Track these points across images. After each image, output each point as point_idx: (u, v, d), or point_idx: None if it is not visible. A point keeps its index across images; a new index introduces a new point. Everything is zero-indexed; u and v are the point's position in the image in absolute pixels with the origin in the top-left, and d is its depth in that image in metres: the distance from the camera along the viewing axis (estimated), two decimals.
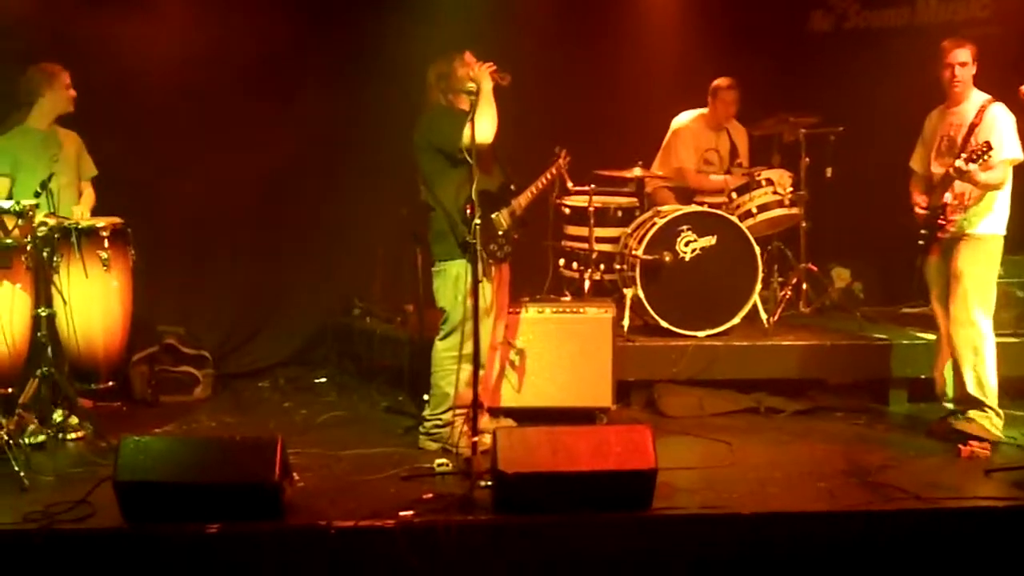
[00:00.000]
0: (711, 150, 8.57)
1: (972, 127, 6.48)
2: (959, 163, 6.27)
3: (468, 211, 5.98)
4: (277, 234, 8.62)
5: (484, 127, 6.07)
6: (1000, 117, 6.47)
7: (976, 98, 6.57)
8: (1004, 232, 6.57)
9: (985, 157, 6.22)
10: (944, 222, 6.51)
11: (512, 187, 6.60)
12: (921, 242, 6.63)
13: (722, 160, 8.57)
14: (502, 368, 6.90)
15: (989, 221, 6.53)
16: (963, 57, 6.50)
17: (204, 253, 8.40)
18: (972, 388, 6.53)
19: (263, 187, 8.41)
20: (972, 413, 6.57)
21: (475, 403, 5.98)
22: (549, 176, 6.83)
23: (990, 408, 6.54)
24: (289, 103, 8.41)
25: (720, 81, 8.53)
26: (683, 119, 8.63)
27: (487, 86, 6.19)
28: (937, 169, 6.62)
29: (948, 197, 6.46)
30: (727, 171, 8.48)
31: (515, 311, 6.96)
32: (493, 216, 6.41)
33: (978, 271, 6.51)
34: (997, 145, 6.34)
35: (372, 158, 8.38)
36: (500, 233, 6.45)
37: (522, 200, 6.62)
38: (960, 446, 6.38)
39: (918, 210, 6.62)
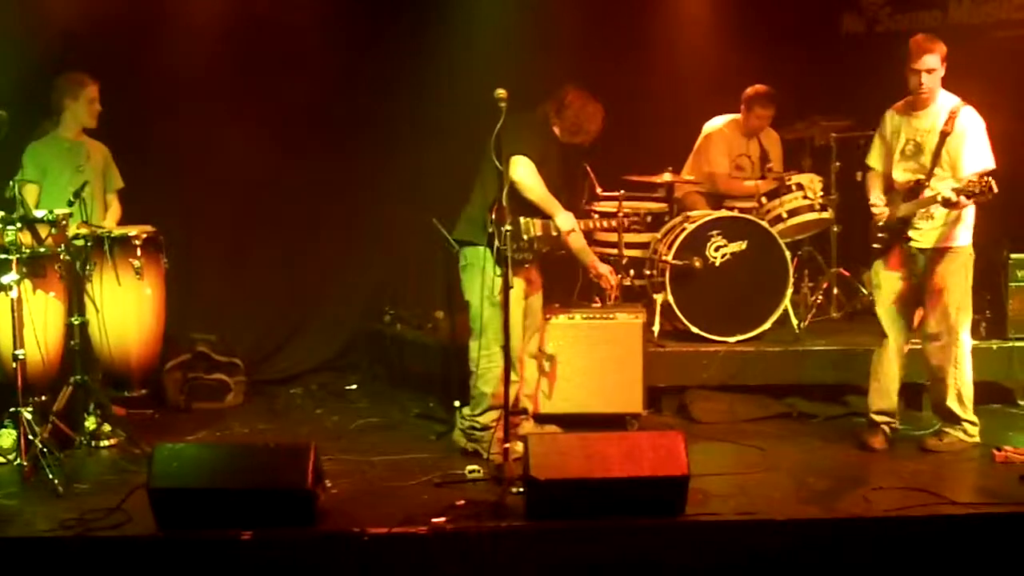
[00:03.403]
0: (743, 155, 8.52)
1: (943, 135, 6.33)
2: (949, 194, 6.14)
3: (494, 214, 6.04)
4: (308, 242, 8.65)
5: (526, 181, 6.27)
6: (971, 126, 6.31)
7: (944, 101, 6.40)
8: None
9: (983, 196, 6.09)
10: (913, 232, 6.42)
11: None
12: (877, 245, 6.57)
13: (753, 166, 8.53)
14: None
15: (964, 233, 6.43)
16: (931, 63, 6.30)
17: (236, 261, 8.44)
18: (951, 401, 6.48)
19: (295, 195, 8.46)
20: (947, 429, 6.54)
21: (506, 410, 5.97)
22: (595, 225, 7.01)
23: (965, 420, 6.50)
24: (323, 112, 8.45)
25: (755, 92, 8.41)
26: (716, 123, 8.59)
27: (562, 223, 6.46)
28: (901, 175, 6.50)
29: (913, 208, 6.36)
30: (761, 177, 8.43)
31: (545, 317, 6.96)
32: (523, 220, 6.39)
33: (959, 284, 6.42)
34: (970, 157, 6.27)
35: (405, 167, 8.41)
36: (524, 238, 6.42)
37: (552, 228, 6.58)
38: (994, 451, 6.33)
39: (877, 211, 6.53)
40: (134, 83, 7.95)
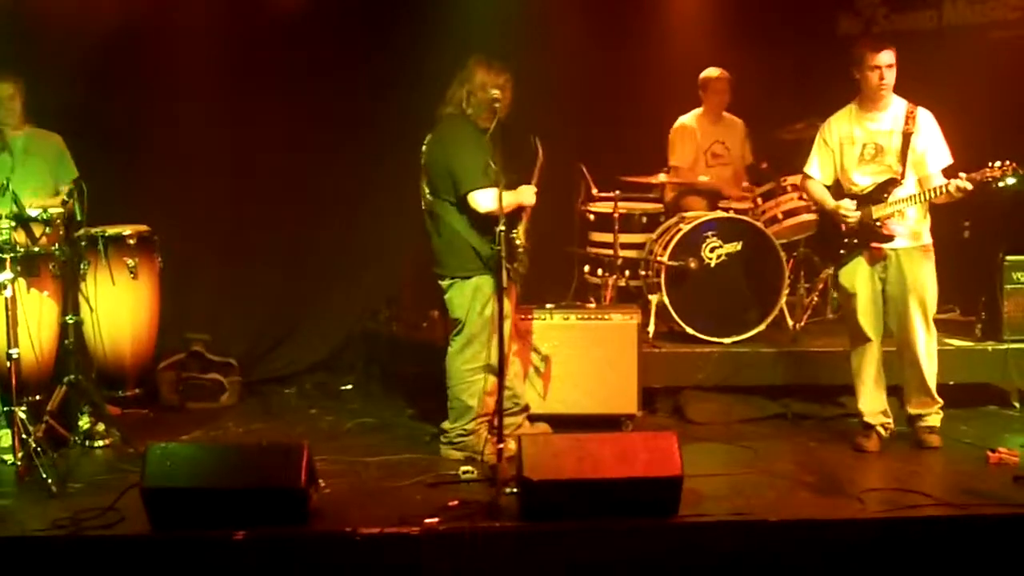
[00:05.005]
0: (717, 142, 8.50)
1: (907, 135, 6.35)
2: (963, 184, 6.14)
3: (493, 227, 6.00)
4: (304, 241, 8.62)
5: (495, 207, 6.03)
6: (934, 123, 6.39)
7: (897, 103, 6.42)
8: None
9: (1003, 180, 6.10)
10: (890, 234, 6.42)
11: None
12: (843, 251, 6.56)
13: (729, 151, 8.51)
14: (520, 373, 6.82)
15: (928, 230, 6.49)
16: (890, 59, 6.29)
17: (231, 260, 8.41)
18: (935, 394, 6.52)
19: (290, 194, 8.44)
20: (932, 420, 6.56)
21: (499, 410, 5.96)
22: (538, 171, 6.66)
23: (940, 408, 6.58)
24: (317, 111, 8.43)
25: (709, 72, 8.45)
26: (682, 119, 8.58)
27: (528, 200, 6.33)
28: (864, 178, 6.50)
29: (889, 209, 6.39)
30: (750, 166, 8.42)
31: (527, 317, 6.93)
32: (512, 234, 6.35)
33: (933, 281, 6.47)
34: (934, 155, 6.35)
35: (400, 165, 8.38)
36: (521, 251, 6.38)
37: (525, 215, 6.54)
38: (988, 453, 6.33)
39: (849, 217, 6.46)
40: (131, 82, 7.96)
